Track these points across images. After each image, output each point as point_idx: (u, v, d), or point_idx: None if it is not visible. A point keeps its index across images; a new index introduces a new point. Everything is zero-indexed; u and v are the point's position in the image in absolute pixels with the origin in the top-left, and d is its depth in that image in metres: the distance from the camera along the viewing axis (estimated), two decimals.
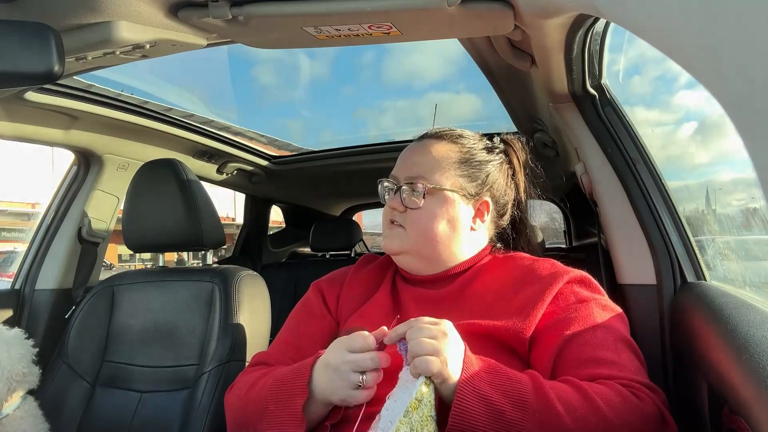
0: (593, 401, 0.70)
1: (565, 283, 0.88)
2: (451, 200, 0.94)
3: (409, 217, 0.94)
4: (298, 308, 1.05)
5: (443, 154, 0.96)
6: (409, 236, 0.94)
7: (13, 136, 1.44)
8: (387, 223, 0.97)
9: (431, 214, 0.93)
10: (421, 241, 0.94)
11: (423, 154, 0.96)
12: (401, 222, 0.95)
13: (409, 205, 0.93)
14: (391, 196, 0.96)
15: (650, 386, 0.76)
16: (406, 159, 0.98)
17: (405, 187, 0.94)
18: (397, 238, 0.95)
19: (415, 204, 0.93)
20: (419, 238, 0.93)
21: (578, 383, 0.73)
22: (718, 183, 1.40)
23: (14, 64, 0.71)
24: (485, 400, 0.68)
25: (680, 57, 0.37)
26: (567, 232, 3.12)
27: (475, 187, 0.96)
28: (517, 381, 0.71)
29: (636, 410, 0.71)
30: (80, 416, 1.28)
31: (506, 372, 0.72)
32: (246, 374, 0.96)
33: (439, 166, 0.95)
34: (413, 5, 0.83)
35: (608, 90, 1.20)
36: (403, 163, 0.98)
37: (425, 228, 0.93)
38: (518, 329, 0.82)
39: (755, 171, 0.28)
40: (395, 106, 40.66)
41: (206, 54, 1.14)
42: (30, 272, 1.59)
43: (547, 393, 0.69)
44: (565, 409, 0.68)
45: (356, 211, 3.46)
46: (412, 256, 0.95)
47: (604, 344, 0.79)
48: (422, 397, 0.67)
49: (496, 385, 0.70)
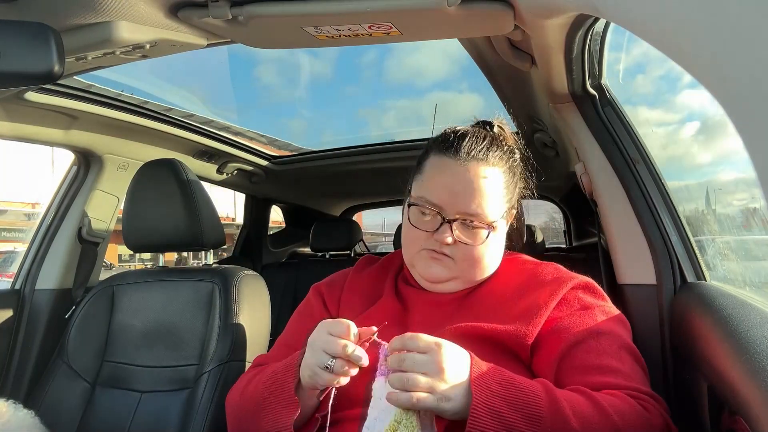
0: (606, 413, 0.69)
1: (570, 289, 0.87)
2: (500, 228, 0.92)
3: (461, 249, 0.89)
4: (298, 311, 1.05)
5: (494, 185, 0.89)
6: (458, 266, 0.90)
7: (13, 136, 1.44)
8: (427, 252, 0.91)
9: (486, 247, 0.89)
10: (471, 270, 0.91)
11: (474, 187, 0.88)
12: (449, 253, 0.89)
13: (470, 241, 0.88)
14: (440, 229, 0.88)
15: (654, 396, 0.76)
16: (457, 192, 0.88)
17: (458, 223, 0.88)
18: (447, 269, 0.90)
19: (471, 242, 0.88)
20: (470, 268, 0.90)
21: (590, 393, 0.72)
22: (720, 183, 1.40)
23: (14, 64, 0.71)
24: (499, 417, 0.67)
25: (680, 57, 0.37)
26: (567, 232, 3.12)
27: (512, 200, 0.95)
28: (531, 393, 0.70)
29: (645, 422, 0.71)
30: (80, 416, 1.28)
31: (520, 384, 0.71)
32: (245, 374, 0.97)
33: (491, 199, 0.89)
34: (413, 5, 0.83)
35: (608, 90, 1.20)
36: (452, 196, 0.88)
37: (478, 260, 0.90)
38: (521, 334, 0.81)
39: (755, 171, 0.28)
40: (397, 105, 40.67)
41: (207, 54, 1.14)
42: (30, 272, 1.59)
43: (561, 405, 0.68)
44: (578, 421, 0.67)
45: (356, 211, 3.46)
46: (457, 282, 0.92)
47: (608, 352, 0.79)
48: (401, 419, 0.67)
49: (510, 399, 0.68)
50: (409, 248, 0.94)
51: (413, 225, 0.91)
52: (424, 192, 0.91)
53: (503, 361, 0.81)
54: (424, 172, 0.93)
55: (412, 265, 0.95)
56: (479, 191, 0.88)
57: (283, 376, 0.83)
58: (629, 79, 1.24)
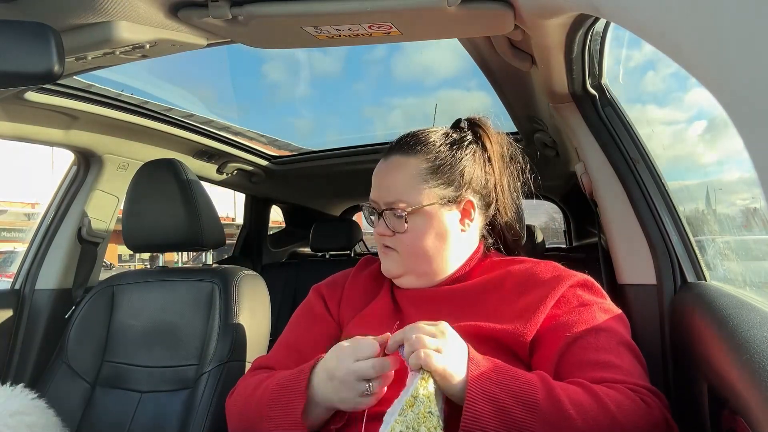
0: (604, 403, 0.69)
1: (569, 286, 0.87)
2: (434, 214, 0.93)
3: (398, 240, 0.94)
4: (299, 312, 1.05)
5: (413, 171, 0.93)
6: (402, 258, 0.94)
7: (13, 136, 1.44)
8: (381, 247, 0.97)
9: (418, 234, 0.92)
10: (415, 261, 0.94)
11: (394, 175, 0.94)
12: (393, 245, 0.94)
13: (395, 229, 0.93)
14: (377, 222, 0.96)
15: (654, 391, 0.76)
16: (381, 183, 0.96)
17: (387, 212, 0.93)
18: (393, 262, 0.95)
19: (401, 228, 0.92)
20: (412, 258, 0.94)
21: (588, 385, 0.72)
22: (723, 182, 1.40)
23: (14, 64, 0.71)
24: (495, 403, 0.67)
25: (680, 57, 0.37)
26: (567, 232, 3.12)
27: (454, 191, 0.94)
28: (527, 382, 0.70)
29: (644, 415, 0.71)
30: (80, 416, 1.28)
31: (515, 372, 0.72)
32: (246, 379, 0.96)
33: (412, 184, 0.92)
34: (413, 5, 0.83)
35: (608, 90, 1.20)
36: (378, 188, 0.96)
37: (416, 248, 0.93)
38: (520, 333, 0.81)
39: (755, 171, 0.28)
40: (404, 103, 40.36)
41: (210, 51, 1.14)
42: (30, 272, 1.59)
43: (557, 394, 0.69)
44: (576, 410, 0.68)
45: (356, 211, 3.46)
46: (411, 275, 0.96)
47: (607, 348, 0.79)
48: (417, 394, 0.67)
49: (506, 386, 0.69)
50: (377, 250, 0.99)
51: (370, 225, 0.99)
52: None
53: (502, 359, 0.81)
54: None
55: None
56: (394, 178, 0.94)
57: (289, 394, 0.80)
58: (639, 76, 1.23)
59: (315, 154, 2.37)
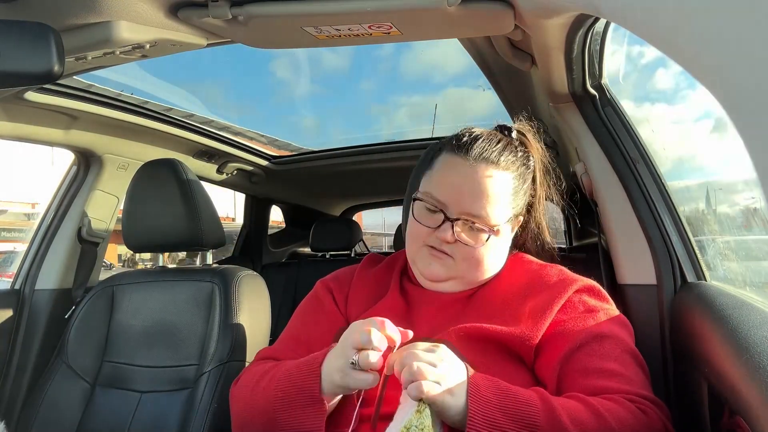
0: (604, 419, 0.69)
1: (574, 291, 0.87)
2: (504, 233, 0.91)
3: (461, 249, 0.88)
4: (306, 305, 1.03)
5: (500, 189, 0.88)
6: (458, 266, 0.89)
7: (13, 136, 1.44)
8: (428, 249, 0.90)
9: (488, 249, 0.89)
10: (470, 271, 0.90)
11: (481, 189, 0.87)
12: (449, 252, 0.89)
13: (469, 242, 0.88)
14: (442, 227, 0.88)
15: (655, 401, 0.76)
16: (463, 192, 0.87)
17: (462, 222, 0.87)
18: (445, 267, 0.89)
19: (477, 242, 0.88)
20: (470, 269, 0.90)
21: (588, 400, 0.72)
22: (723, 182, 1.39)
23: (14, 64, 0.71)
24: (497, 428, 0.67)
25: (680, 57, 0.37)
26: (567, 232, 3.12)
27: (517, 209, 0.93)
28: (527, 404, 0.69)
29: (644, 426, 0.71)
30: (80, 416, 1.28)
31: (515, 393, 0.71)
32: (252, 368, 0.95)
33: (497, 203, 0.88)
34: (413, 5, 0.83)
35: (608, 90, 1.20)
36: (457, 195, 0.88)
37: (478, 261, 0.89)
38: (525, 336, 0.81)
39: (755, 171, 0.28)
40: (410, 101, 39.91)
41: (210, 51, 1.13)
42: (30, 272, 1.59)
43: (558, 414, 0.68)
44: (576, 428, 0.67)
45: (356, 211, 3.46)
46: (457, 281, 0.92)
47: (612, 355, 0.79)
48: (410, 425, 0.66)
49: (506, 410, 0.68)
50: (412, 244, 0.93)
51: (416, 220, 0.91)
52: (431, 188, 0.90)
53: (506, 362, 0.81)
54: (433, 169, 0.93)
55: (413, 262, 0.94)
56: (485, 193, 0.87)
57: (304, 377, 0.80)
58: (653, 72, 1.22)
59: (315, 154, 2.37)
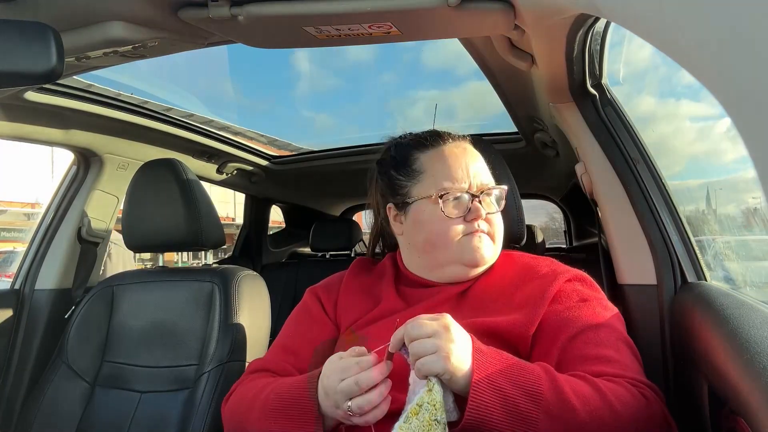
0: (606, 396, 0.70)
1: (566, 281, 0.88)
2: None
3: (489, 221, 0.93)
4: (296, 314, 1.04)
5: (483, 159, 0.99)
6: (495, 238, 0.94)
7: (13, 136, 1.44)
8: (470, 236, 0.91)
9: (500, 215, 0.96)
10: (500, 239, 0.95)
11: (478, 159, 0.97)
12: (488, 231, 0.93)
13: (494, 210, 0.94)
14: (471, 210, 0.90)
15: (652, 386, 0.77)
16: (478, 167, 0.95)
17: (484, 195, 0.93)
18: (491, 248, 0.93)
19: (497, 208, 0.95)
20: (499, 236, 0.95)
21: (590, 378, 0.73)
22: (726, 182, 1.39)
23: (14, 64, 0.71)
24: (500, 393, 0.67)
25: (681, 57, 0.37)
26: (567, 232, 3.13)
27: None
28: (531, 372, 0.70)
29: (645, 409, 0.72)
30: (80, 416, 1.28)
31: (519, 363, 0.72)
32: (243, 383, 0.94)
33: (487, 169, 0.98)
34: (413, 5, 0.83)
35: (608, 90, 1.20)
36: (469, 173, 0.93)
37: (501, 226, 0.96)
38: (521, 326, 0.82)
39: (755, 171, 0.28)
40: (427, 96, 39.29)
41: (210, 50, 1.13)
42: (30, 272, 1.59)
43: (561, 386, 0.69)
44: (579, 402, 0.68)
45: (356, 211, 3.46)
46: (490, 258, 0.95)
47: (607, 343, 0.80)
48: (423, 402, 0.66)
49: (511, 376, 0.69)
50: (448, 244, 0.91)
51: (448, 216, 0.90)
52: (441, 182, 0.91)
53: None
54: (424, 171, 0.94)
55: (458, 260, 0.92)
56: (482, 161, 0.97)
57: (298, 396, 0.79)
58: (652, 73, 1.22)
59: (315, 154, 2.37)
